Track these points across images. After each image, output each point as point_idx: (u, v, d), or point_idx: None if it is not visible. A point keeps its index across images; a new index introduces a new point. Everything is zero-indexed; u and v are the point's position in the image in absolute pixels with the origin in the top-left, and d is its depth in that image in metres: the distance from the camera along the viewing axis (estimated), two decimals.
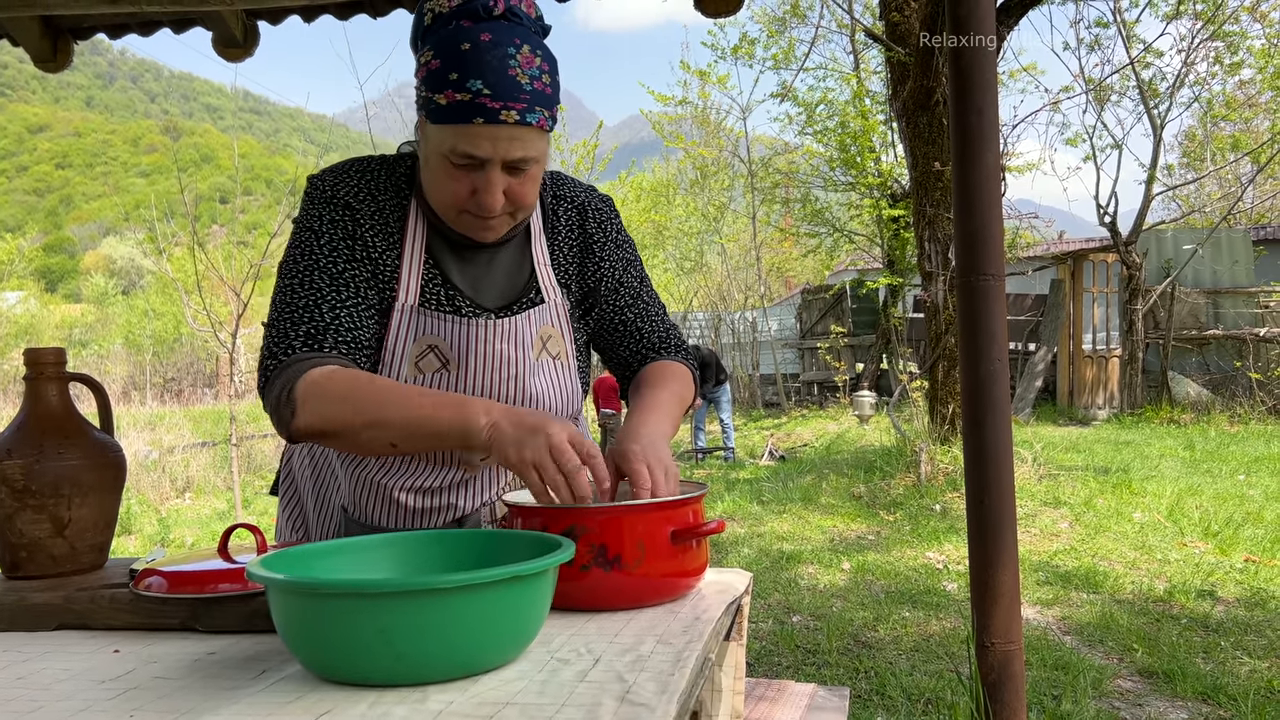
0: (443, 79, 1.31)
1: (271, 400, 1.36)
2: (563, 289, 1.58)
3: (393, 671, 0.92)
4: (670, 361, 1.64)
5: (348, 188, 1.47)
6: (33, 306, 34.44)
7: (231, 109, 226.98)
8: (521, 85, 1.31)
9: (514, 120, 1.31)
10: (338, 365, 1.37)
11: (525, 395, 1.51)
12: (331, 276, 1.42)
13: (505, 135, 1.32)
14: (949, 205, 7.94)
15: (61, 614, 1.26)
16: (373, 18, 3.49)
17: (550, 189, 1.61)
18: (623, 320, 1.65)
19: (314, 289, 1.41)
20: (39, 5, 3.18)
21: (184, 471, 11.09)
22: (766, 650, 4.18)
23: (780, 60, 17.14)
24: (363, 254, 1.46)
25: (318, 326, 1.39)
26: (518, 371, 1.50)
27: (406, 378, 1.46)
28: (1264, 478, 8.00)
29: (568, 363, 1.57)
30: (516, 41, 1.32)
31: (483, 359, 1.48)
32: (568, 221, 1.61)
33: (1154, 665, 3.81)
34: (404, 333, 1.46)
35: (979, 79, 2.27)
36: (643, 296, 1.67)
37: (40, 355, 1.46)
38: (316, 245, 1.44)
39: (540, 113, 1.34)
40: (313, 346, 1.38)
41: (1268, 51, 14.49)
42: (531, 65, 1.33)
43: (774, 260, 25.73)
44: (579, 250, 1.61)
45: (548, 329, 1.55)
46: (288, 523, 1.72)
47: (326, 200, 1.46)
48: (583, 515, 1.19)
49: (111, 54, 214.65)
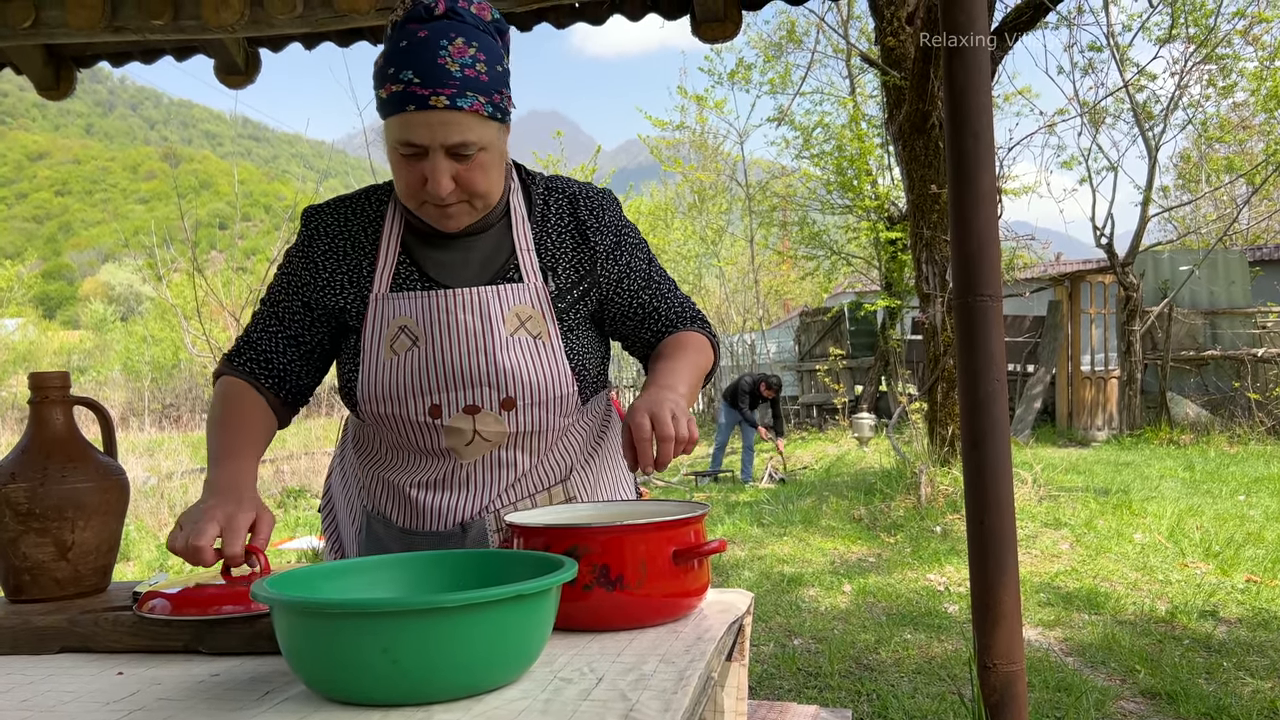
0: (382, 74, 1.42)
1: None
2: (546, 272, 1.59)
3: (397, 691, 0.93)
4: (686, 332, 1.66)
5: (321, 218, 1.63)
6: (31, 333, 34.44)
7: (231, 135, 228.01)
8: (450, 72, 1.39)
9: (443, 105, 1.38)
10: (236, 377, 1.58)
11: (498, 369, 1.52)
12: (271, 305, 1.63)
13: (438, 120, 1.39)
14: (946, 227, 7.97)
15: (65, 637, 1.26)
16: (373, 44, 3.53)
17: (542, 183, 1.66)
18: (640, 303, 1.67)
19: (261, 314, 1.63)
20: (42, 34, 3.20)
21: (183, 497, 11.05)
22: (769, 673, 4.17)
23: (777, 85, 17.29)
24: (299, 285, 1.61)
25: (243, 344, 1.61)
26: (486, 345, 1.51)
27: (384, 361, 1.53)
28: (1264, 498, 7.99)
29: (551, 344, 1.56)
30: (451, 35, 1.41)
31: (449, 331, 1.51)
32: (558, 211, 1.63)
33: (1157, 686, 3.79)
34: (378, 320, 1.55)
35: (974, 102, 2.29)
36: (654, 278, 1.69)
37: (45, 379, 1.47)
38: (280, 278, 1.64)
39: (473, 98, 1.40)
40: (229, 359, 1.61)
41: (1260, 74, 14.60)
42: (464, 55, 1.40)
43: (772, 283, 25.79)
44: (573, 237, 1.62)
45: (525, 309, 1.55)
46: (327, 545, 1.81)
47: (301, 234, 1.64)
48: (585, 535, 1.19)
49: (111, 81, 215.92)
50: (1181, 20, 13.92)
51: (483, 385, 1.51)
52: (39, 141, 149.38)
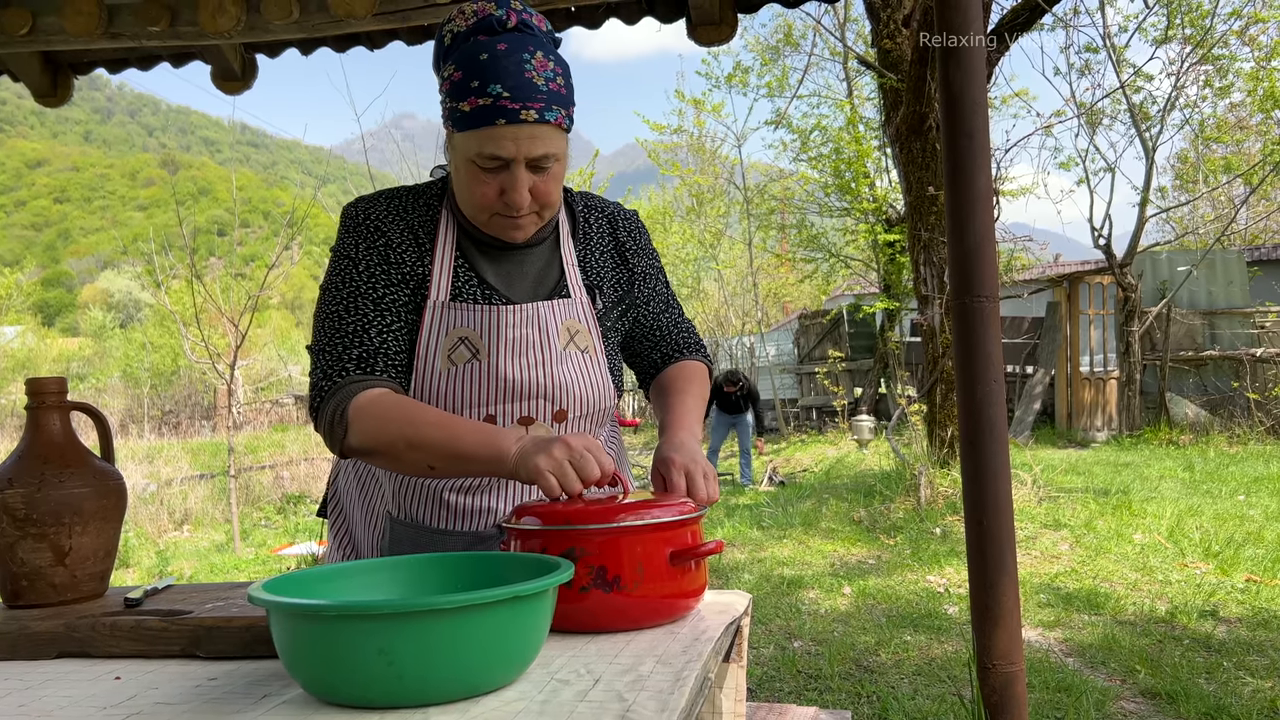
0: (465, 88, 1.40)
1: (325, 419, 1.46)
2: (591, 290, 1.64)
3: (394, 693, 0.93)
4: (692, 361, 1.76)
5: (378, 212, 1.56)
6: (30, 341, 34.40)
7: (229, 142, 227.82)
8: (538, 86, 1.40)
9: (533, 119, 1.40)
10: (387, 389, 1.47)
11: (554, 382, 1.54)
12: (374, 301, 1.51)
13: (526, 134, 1.40)
14: (943, 229, 7.98)
15: (62, 642, 1.26)
16: (369, 50, 3.53)
17: (581, 200, 1.70)
18: (657, 324, 1.75)
19: (360, 314, 1.50)
20: (39, 41, 3.21)
21: (182, 504, 11.06)
22: (768, 675, 4.16)
23: (774, 88, 17.32)
24: (398, 275, 1.53)
25: (369, 350, 1.48)
26: (545, 358, 1.54)
27: (440, 371, 1.51)
28: (1264, 498, 7.99)
29: (597, 359, 1.61)
30: (530, 48, 1.42)
31: (510, 345, 1.52)
32: (599, 230, 1.69)
33: (1157, 686, 3.79)
34: (437, 328, 1.53)
35: (969, 103, 2.30)
36: (671, 302, 1.78)
37: (43, 384, 1.47)
38: (355, 272, 1.52)
39: (558, 111, 1.42)
40: (365, 370, 1.47)
41: (1256, 74, 14.62)
42: (546, 69, 1.42)
43: (771, 286, 25.80)
44: (613, 257, 1.69)
45: (575, 323, 1.59)
46: (336, 546, 1.78)
47: (360, 225, 1.55)
48: (581, 537, 1.19)
49: (109, 88, 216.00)
50: (1178, 21, 13.96)
51: (538, 398, 1.54)
52: (37, 149, 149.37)
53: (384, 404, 1.43)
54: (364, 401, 1.43)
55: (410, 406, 1.43)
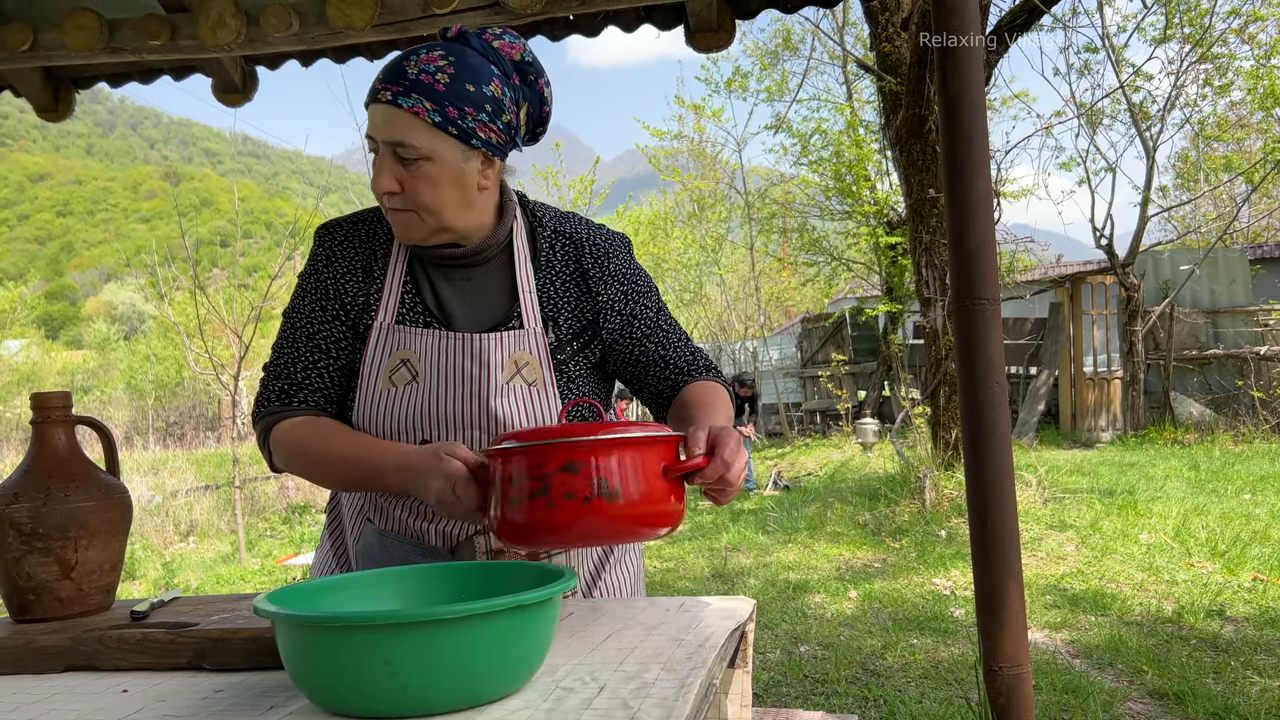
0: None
1: (258, 442, 1.62)
2: (548, 321, 1.60)
3: (399, 703, 0.93)
4: (710, 382, 1.63)
5: (335, 239, 1.63)
6: (35, 354, 34.48)
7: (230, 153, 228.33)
8: (405, 73, 1.42)
9: (387, 99, 1.42)
10: (304, 417, 1.57)
11: (489, 415, 1.53)
12: (308, 337, 1.60)
13: (381, 115, 1.43)
14: (944, 231, 7.98)
15: (69, 655, 1.27)
16: (369, 60, 3.54)
17: (550, 224, 1.65)
18: (644, 351, 1.65)
19: (294, 348, 1.60)
20: (41, 56, 3.22)
21: (187, 515, 11.07)
22: (775, 680, 4.16)
23: (774, 92, 17.33)
24: (336, 308, 1.60)
25: (291, 384, 1.59)
26: (483, 390, 1.52)
27: (381, 391, 1.55)
28: (1270, 496, 7.97)
29: (546, 393, 1.57)
30: (433, 48, 1.45)
31: (448, 373, 1.53)
32: (563, 256, 1.63)
33: (1164, 687, 3.79)
34: (380, 349, 1.56)
35: (968, 105, 2.30)
36: (661, 326, 1.67)
37: (47, 399, 1.48)
38: (301, 305, 1.62)
39: (417, 100, 1.41)
40: (285, 402, 1.58)
41: (1256, 72, 14.62)
42: (429, 63, 1.43)
43: (773, 290, 25.82)
44: (576, 286, 1.62)
45: (524, 355, 1.56)
46: (331, 551, 1.77)
47: (315, 255, 1.64)
48: (583, 450, 1.19)
49: (111, 102, 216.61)
50: (1176, 20, 13.95)
51: (473, 428, 1.53)
52: (40, 163, 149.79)
53: (297, 431, 1.54)
54: (281, 430, 1.55)
55: (321, 428, 1.54)
